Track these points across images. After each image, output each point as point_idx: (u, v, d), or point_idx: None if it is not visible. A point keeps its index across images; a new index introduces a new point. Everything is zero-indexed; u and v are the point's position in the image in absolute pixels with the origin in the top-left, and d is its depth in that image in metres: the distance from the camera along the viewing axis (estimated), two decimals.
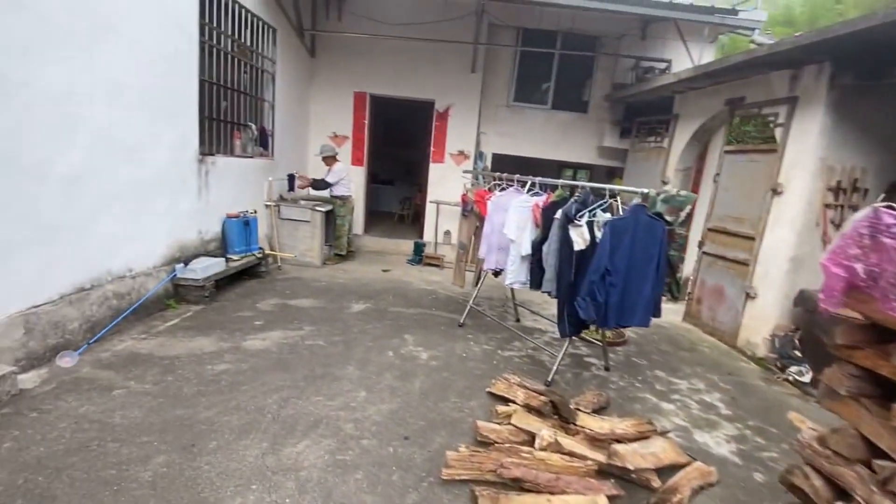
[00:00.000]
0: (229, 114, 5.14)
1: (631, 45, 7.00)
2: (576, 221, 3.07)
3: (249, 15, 5.17)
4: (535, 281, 3.50)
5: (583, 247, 3.08)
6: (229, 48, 4.95)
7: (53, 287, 2.99)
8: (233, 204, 5.11)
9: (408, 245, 7.64)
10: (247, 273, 5.20)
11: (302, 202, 6.20)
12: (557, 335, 4.16)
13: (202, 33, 4.32)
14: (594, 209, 3.14)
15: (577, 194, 3.31)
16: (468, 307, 4.46)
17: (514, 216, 3.57)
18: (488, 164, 7.66)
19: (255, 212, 5.31)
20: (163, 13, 3.77)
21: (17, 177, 2.68)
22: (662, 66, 6.79)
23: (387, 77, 7.08)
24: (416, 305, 4.94)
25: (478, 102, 7.13)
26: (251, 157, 5.52)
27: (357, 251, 7.24)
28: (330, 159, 6.33)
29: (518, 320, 4.79)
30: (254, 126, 5.47)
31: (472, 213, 4.52)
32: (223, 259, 4.60)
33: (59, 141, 2.93)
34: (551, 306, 3.81)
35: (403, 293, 5.36)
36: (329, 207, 6.23)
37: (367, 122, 7.25)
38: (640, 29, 6.95)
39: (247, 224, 5.06)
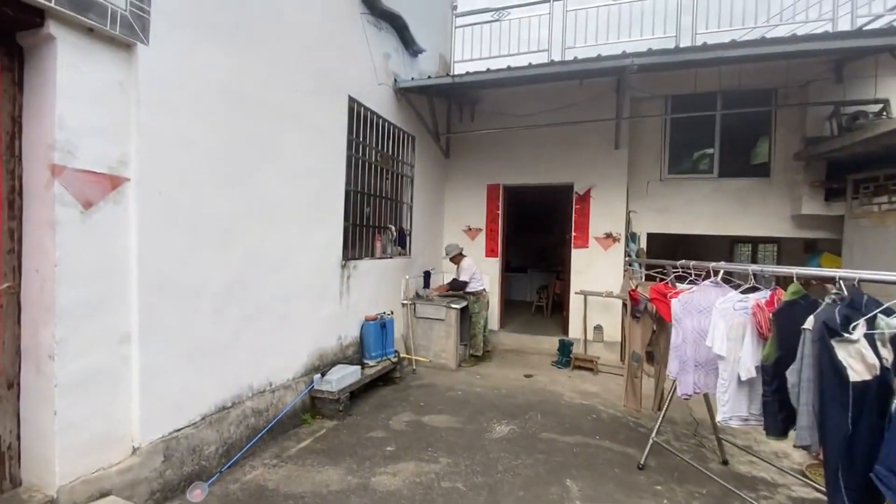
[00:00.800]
0: (371, 218, 5.26)
1: (822, 92, 5.65)
2: (847, 335, 1.96)
3: (391, 126, 5.47)
4: (776, 423, 2.33)
5: (866, 377, 1.92)
6: (373, 159, 5.20)
7: (196, 408, 2.90)
8: (371, 305, 5.00)
9: (550, 343, 6.71)
10: (382, 379, 4.87)
11: (436, 299, 5.91)
12: (796, 492, 2.79)
13: (349, 147, 4.55)
14: (874, 314, 2.00)
15: (833, 291, 2.20)
16: (650, 442, 3.31)
17: (722, 322, 2.55)
18: (643, 245, 6.59)
19: (392, 313, 5.11)
20: (318, 134, 4.04)
21: (176, 298, 2.74)
22: (876, 107, 5.25)
23: (520, 166, 6.84)
24: (574, 430, 3.93)
25: (625, 180, 6.34)
26: (390, 256, 5.51)
27: (493, 350, 6.56)
28: (457, 257, 6.07)
29: (725, 462, 3.40)
30: (393, 228, 5.52)
31: (648, 313, 3.56)
32: (359, 367, 4.34)
33: (216, 258, 3.02)
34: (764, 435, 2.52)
35: (554, 410, 4.40)
36: (464, 304, 5.80)
37: (500, 212, 6.96)
38: (832, 70, 5.61)
39: (383, 326, 4.84)
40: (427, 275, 6.13)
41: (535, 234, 11.22)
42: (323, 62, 4.06)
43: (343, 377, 4.00)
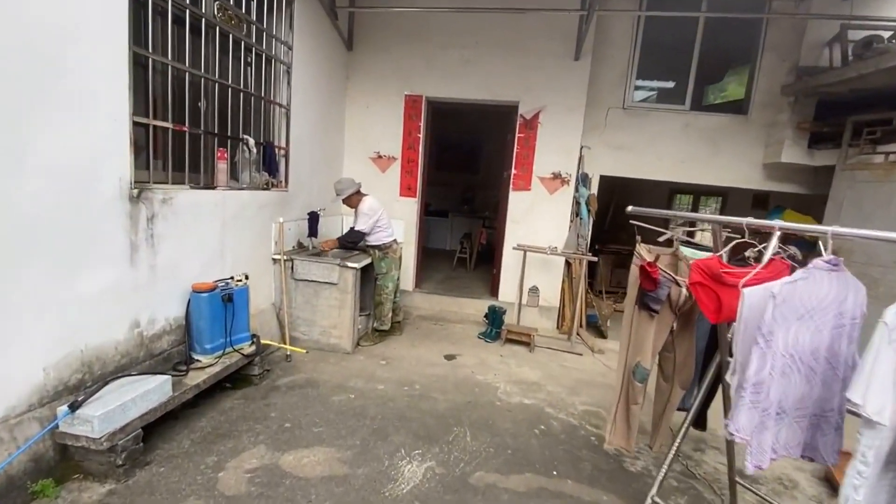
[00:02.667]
0: (208, 120, 3.19)
1: (824, 10, 4.56)
2: None
3: None
4: None
5: None
6: (210, 13, 3.04)
7: None
8: (208, 266, 3.10)
9: (475, 308, 5.39)
10: (229, 380, 3.12)
11: (330, 253, 4.16)
12: None
13: None
14: None
15: None
16: (649, 501, 2.07)
17: (890, 358, 1.21)
18: (594, 189, 5.34)
19: (246, 278, 3.25)
20: None
21: None
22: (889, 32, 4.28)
23: (451, 75, 5.03)
24: (522, 462, 2.62)
25: (583, 102, 4.88)
26: (249, 187, 3.55)
27: (406, 318, 5.07)
28: (354, 198, 4.19)
29: None
30: (251, 141, 3.50)
31: (671, 304, 2.19)
32: (167, 379, 2.49)
33: None
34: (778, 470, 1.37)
35: (489, 419, 3.06)
36: (366, 261, 4.12)
37: (421, 135, 5.18)
38: None
39: (229, 299, 3.01)
40: (314, 218, 4.28)
41: (459, 173, 9.63)
42: None
43: (121, 407, 2.17)
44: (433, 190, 9.61)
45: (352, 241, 4.09)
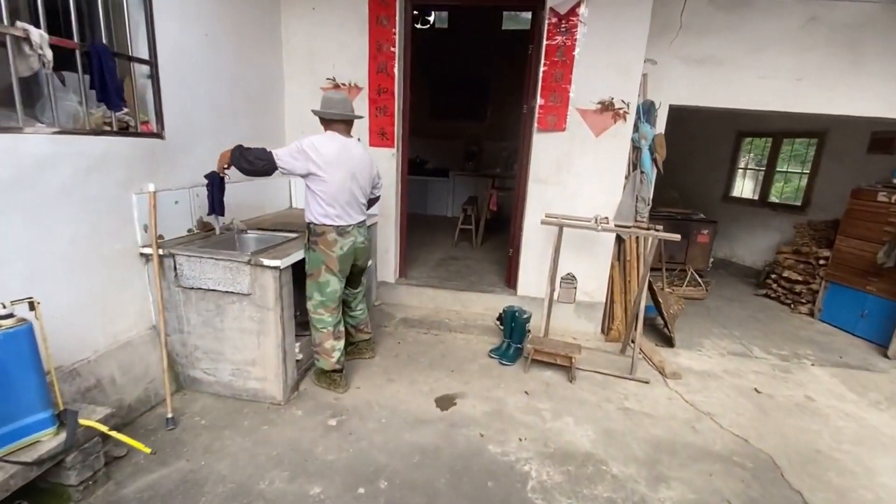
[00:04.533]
0: None
1: None
2: None
3: None
4: None
5: None
6: None
7: None
8: None
9: (485, 304, 3.80)
10: (23, 495, 1.60)
11: (248, 235, 2.55)
12: None
13: None
14: None
15: None
16: None
17: None
18: (660, 127, 3.56)
19: (31, 307, 1.65)
20: None
21: None
22: None
23: None
24: None
25: None
26: (61, 129, 1.89)
27: (384, 327, 3.50)
28: (350, 126, 2.47)
29: None
30: (42, 38, 1.79)
31: None
32: None
33: None
34: None
35: None
36: (298, 254, 2.48)
37: (397, 51, 3.39)
38: None
39: None
40: (213, 183, 2.58)
41: (461, 121, 7.79)
42: None
43: None
44: (430, 144, 7.85)
45: (248, 160, 2.30)
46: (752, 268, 5.74)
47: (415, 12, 7.52)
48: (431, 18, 7.73)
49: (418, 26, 7.72)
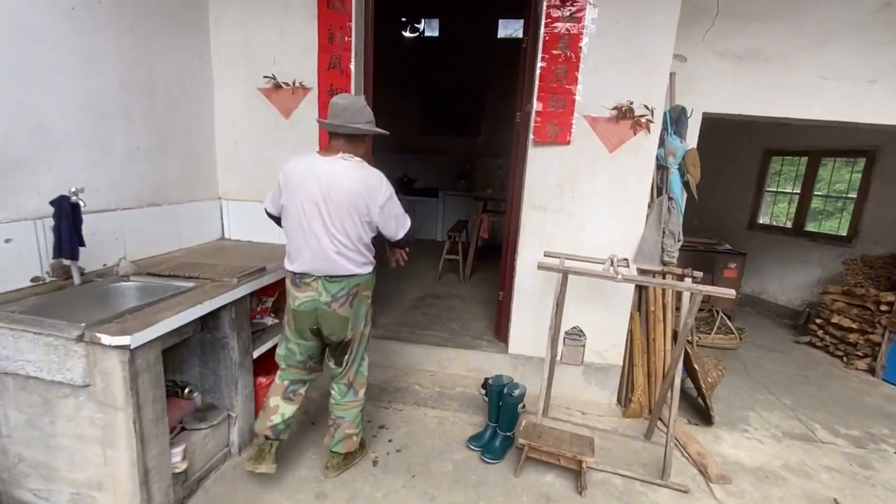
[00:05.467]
0: None
1: None
2: None
3: None
4: None
5: None
6: None
7: None
8: None
9: (469, 363, 2.98)
10: None
11: (129, 283, 1.76)
12: None
13: None
14: None
15: None
16: None
17: None
18: (691, 141, 2.77)
19: None
20: None
21: None
22: None
23: None
24: None
25: None
26: None
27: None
28: (356, 142, 1.80)
29: None
30: None
31: None
32: None
33: None
34: None
35: None
36: (181, 315, 1.68)
37: (353, 42, 2.64)
38: None
39: None
40: (63, 213, 1.78)
41: (454, 137, 7.08)
42: None
43: None
44: (419, 161, 7.13)
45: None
46: (788, 307, 4.91)
47: (402, 19, 7.00)
48: (421, 26, 7.11)
49: (407, 34, 7.11)
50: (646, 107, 2.44)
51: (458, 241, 4.70)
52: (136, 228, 2.31)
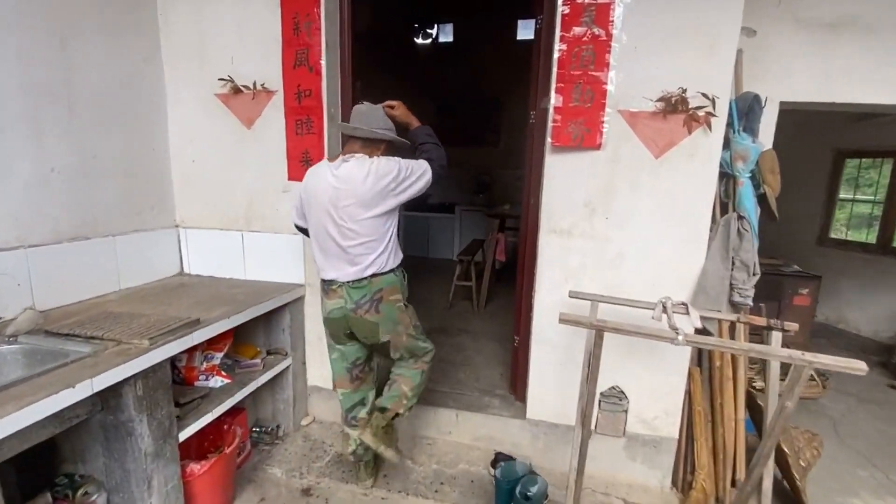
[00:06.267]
0: None
1: None
2: None
3: None
4: None
5: None
6: None
7: None
8: None
9: (474, 428, 2.35)
10: None
11: (14, 346, 1.29)
12: None
13: None
14: None
15: None
16: None
17: None
18: (765, 140, 2.09)
19: None
20: None
21: None
22: None
23: None
24: None
25: None
26: None
27: (301, 474, 2.11)
28: (371, 148, 1.78)
29: None
30: None
31: None
32: None
33: None
34: None
35: None
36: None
37: (322, 32, 2.13)
38: None
39: None
40: None
41: (470, 147, 6.53)
42: None
43: None
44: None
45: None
46: (874, 340, 4.04)
47: (415, 25, 6.58)
48: (434, 31, 6.67)
49: (419, 41, 6.68)
50: (705, 96, 1.81)
51: (471, 264, 4.10)
52: (49, 270, 1.85)
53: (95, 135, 2.04)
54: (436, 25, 6.60)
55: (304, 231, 1.89)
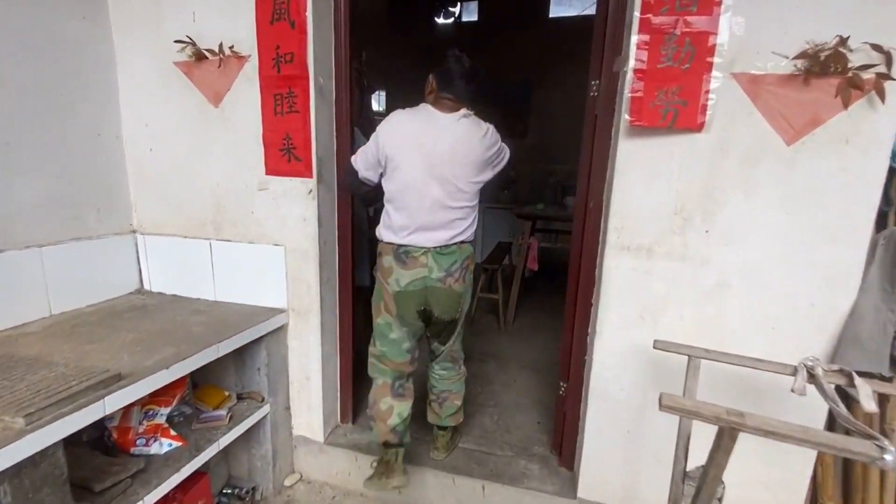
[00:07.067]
0: None
1: None
2: None
3: None
4: None
5: None
6: None
7: None
8: None
9: None
10: None
11: None
12: None
13: None
14: None
15: None
16: None
17: None
18: None
19: None
20: None
21: None
22: None
23: None
24: None
25: None
26: None
27: None
28: (445, 101, 1.54)
29: None
30: None
31: None
32: None
33: None
34: None
35: None
36: None
37: None
38: None
39: None
40: None
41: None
42: None
43: None
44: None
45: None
46: None
47: (435, 2, 5.97)
48: (457, 9, 6.06)
49: (440, 20, 6.10)
50: (876, 48, 1.17)
51: (497, 273, 3.52)
52: None
53: (11, 116, 1.53)
54: (459, 3, 6.01)
55: (366, 189, 1.61)
